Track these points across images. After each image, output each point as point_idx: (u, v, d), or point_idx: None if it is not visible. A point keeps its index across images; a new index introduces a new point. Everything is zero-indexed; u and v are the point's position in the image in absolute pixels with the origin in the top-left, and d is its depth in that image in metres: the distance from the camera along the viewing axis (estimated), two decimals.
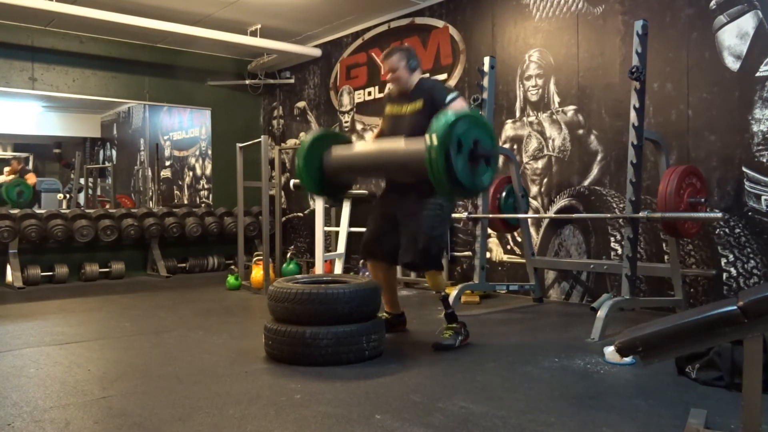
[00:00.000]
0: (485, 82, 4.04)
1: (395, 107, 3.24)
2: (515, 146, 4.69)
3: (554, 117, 4.46)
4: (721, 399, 2.18)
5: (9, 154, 7.18)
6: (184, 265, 6.54)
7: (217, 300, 4.74)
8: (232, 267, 6.12)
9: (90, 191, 7.50)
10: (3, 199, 6.59)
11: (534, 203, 4.57)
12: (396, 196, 3.20)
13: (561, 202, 4.42)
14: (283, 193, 6.58)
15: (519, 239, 4.66)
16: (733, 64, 3.53)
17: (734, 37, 3.52)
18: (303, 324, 2.67)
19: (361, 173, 3.12)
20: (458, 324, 3.08)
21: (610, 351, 2.70)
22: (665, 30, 3.82)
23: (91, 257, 6.03)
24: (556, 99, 4.44)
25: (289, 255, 5.98)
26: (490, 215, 4.10)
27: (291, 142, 7.07)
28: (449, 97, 3.00)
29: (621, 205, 4.03)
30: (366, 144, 3.30)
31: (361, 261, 5.36)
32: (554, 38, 4.45)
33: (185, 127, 7.35)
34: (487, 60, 4.06)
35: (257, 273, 5.13)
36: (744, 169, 3.49)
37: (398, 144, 2.97)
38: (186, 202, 7.35)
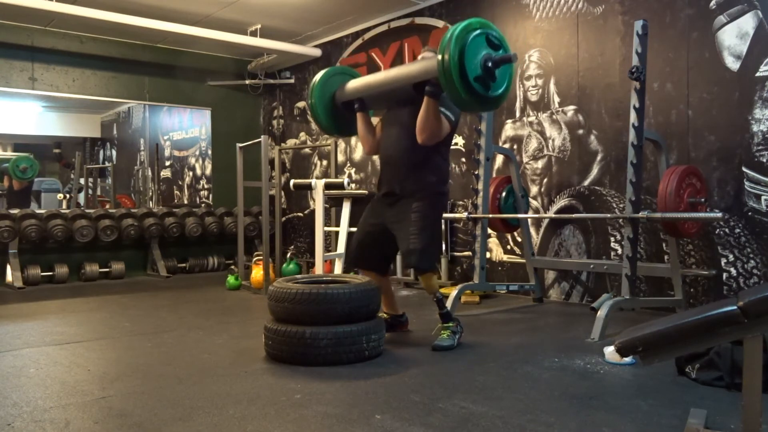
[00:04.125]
0: None
1: (394, 113, 3.31)
2: (515, 146, 4.69)
3: (554, 117, 4.46)
4: (721, 399, 2.18)
5: (9, 154, 7.18)
6: (184, 265, 6.54)
7: (217, 300, 4.74)
8: (232, 267, 6.12)
9: (90, 191, 7.50)
10: (9, 174, 6.72)
11: (534, 203, 4.57)
12: (385, 205, 3.22)
13: (561, 202, 4.42)
14: (283, 193, 6.59)
15: (519, 239, 4.66)
16: (733, 64, 3.53)
17: (734, 37, 3.52)
18: (303, 324, 2.67)
19: (375, 95, 3.30)
20: (453, 322, 3.08)
21: (610, 351, 2.70)
22: (665, 30, 3.83)
23: (91, 257, 6.03)
24: (556, 99, 4.45)
25: (289, 255, 5.98)
26: (490, 215, 4.10)
27: (291, 142, 7.07)
28: None
29: (621, 205, 4.03)
30: (378, 73, 3.48)
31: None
32: (554, 38, 4.45)
33: (185, 127, 7.35)
34: None
35: (257, 273, 5.13)
36: (744, 169, 3.49)
37: (410, 65, 3.16)
38: (186, 202, 7.35)
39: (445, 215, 3.47)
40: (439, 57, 2.65)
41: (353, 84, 3.37)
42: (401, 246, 3.11)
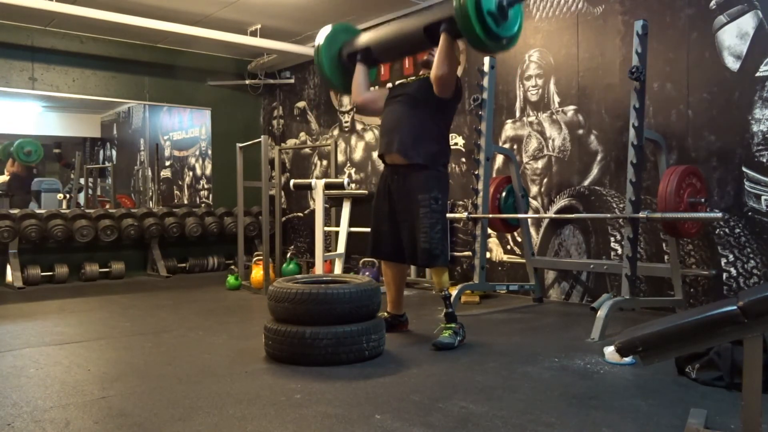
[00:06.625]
0: (485, 82, 4.04)
1: (400, 86, 3.37)
2: (515, 146, 4.69)
3: (554, 117, 4.46)
4: (721, 399, 2.18)
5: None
6: (184, 265, 6.54)
7: (217, 300, 4.74)
8: (232, 267, 6.12)
9: (90, 191, 7.50)
10: (14, 157, 6.77)
11: (534, 203, 4.57)
12: (393, 189, 3.24)
13: (561, 202, 4.42)
14: (283, 193, 6.58)
15: (519, 239, 4.66)
16: (733, 64, 3.53)
17: (734, 37, 3.52)
18: (303, 324, 2.67)
19: (383, 43, 3.37)
20: (457, 324, 3.08)
21: (610, 351, 2.70)
22: (665, 30, 3.83)
23: (91, 257, 6.02)
24: (556, 99, 4.44)
25: (289, 255, 5.98)
26: (490, 215, 4.10)
27: (291, 142, 7.07)
28: None
29: (621, 205, 4.03)
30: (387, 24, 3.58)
31: (362, 261, 5.37)
32: (554, 38, 4.45)
33: (185, 127, 7.35)
34: (487, 60, 4.06)
35: (257, 273, 5.13)
36: (744, 169, 3.49)
37: (418, 15, 3.21)
38: (186, 202, 7.34)
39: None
40: (456, 6, 2.75)
41: (362, 36, 3.48)
42: (410, 244, 3.12)
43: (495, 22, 2.80)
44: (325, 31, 3.53)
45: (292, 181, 4.82)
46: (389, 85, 3.64)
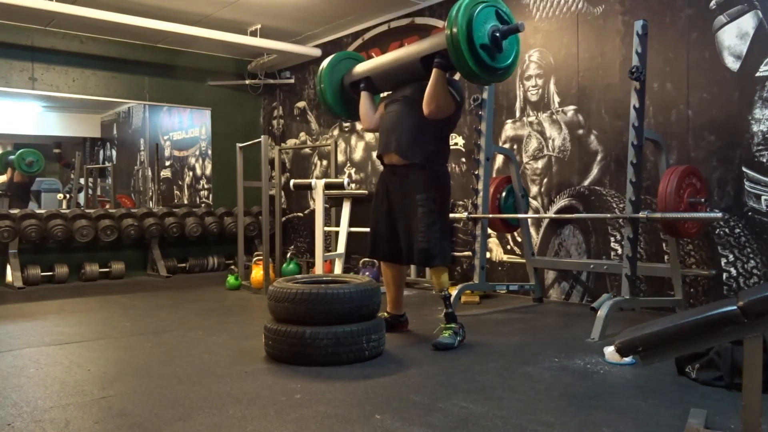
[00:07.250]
0: None
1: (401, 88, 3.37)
2: (515, 146, 4.69)
3: (554, 117, 4.46)
4: (721, 399, 2.18)
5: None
6: (184, 265, 6.54)
7: (217, 300, 4.74)
8: (232, 267, 6.12)
9: (90, 191, 7.50)
10: (13, 167, 6.76)
11: (534, 203, 4.57)
12: (391, 189, 3.25)
13: (561, 202, 4.42)
14: (283, 193, 6.58)
15: (519, 239, 4.66)
16: (733, 64, 3.53)
17: (734, 37, 3.52)
18: (303, 324, 2.67)
19: (382, 73, 3.37)
20: (457, 325, 3.08)
21: (610, 351, 2.70)
22: (665, 30, 3.83)
23: (91, 257, 6.03)
24: (556, 99, 4.44)
25: (289, 255, 5.98)
26: (490, 215, 4.10)
27: (291, 142, 7.07)
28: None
29: (621, 205, 4.03)
30: (386, 54, 3.57)
31: (362, 261, 5.37)
32: (554, 38, 4.45)
33: (185, 127, 7.35)
34: None
35: (257, 273, 5.13)
36: (744, 169, 3.49)
37: (418, 43, 3.17)
38: (186, 202, 7.35)
39: None
40: (448, 29, 2.70)
41: (362, 65, 3.48)
42: (407, 244, 3.12)
43: (489, 54, 2.73)
44: (327, 60, 3.55)
45: (292, 181, 4.82)
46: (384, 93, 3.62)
